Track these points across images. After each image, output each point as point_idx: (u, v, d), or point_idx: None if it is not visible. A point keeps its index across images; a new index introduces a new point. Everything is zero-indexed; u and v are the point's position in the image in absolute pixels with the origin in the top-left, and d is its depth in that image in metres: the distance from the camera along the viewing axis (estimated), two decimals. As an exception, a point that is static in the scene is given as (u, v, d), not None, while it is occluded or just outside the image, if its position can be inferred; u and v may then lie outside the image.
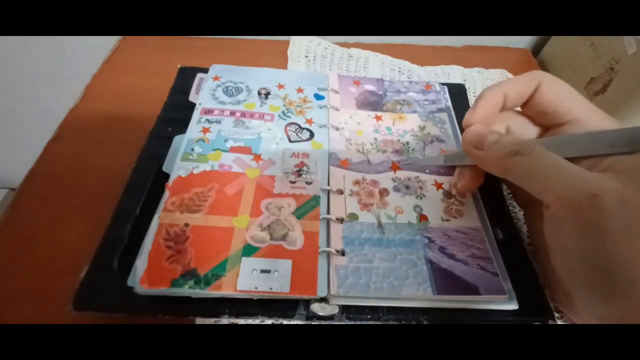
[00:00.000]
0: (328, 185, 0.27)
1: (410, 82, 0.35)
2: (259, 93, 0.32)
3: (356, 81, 0.35)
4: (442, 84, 0.36)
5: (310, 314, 0.22)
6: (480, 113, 0.24)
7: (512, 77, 0.25)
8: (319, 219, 0.25)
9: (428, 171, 0.28)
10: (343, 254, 0.23)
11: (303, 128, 0.30)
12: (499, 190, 0.29)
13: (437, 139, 0.31)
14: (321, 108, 0.32)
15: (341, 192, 0.26)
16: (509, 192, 0.29)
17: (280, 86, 0.33)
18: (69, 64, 0.50)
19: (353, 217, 0.25)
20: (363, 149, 0.29)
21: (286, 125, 0.30)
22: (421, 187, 0.27)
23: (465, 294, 0.22)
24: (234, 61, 0.35)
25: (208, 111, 0.30)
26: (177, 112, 0.31)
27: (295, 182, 0.26)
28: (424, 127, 0.32)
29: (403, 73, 0.41)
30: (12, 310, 0.23)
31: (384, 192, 0.27)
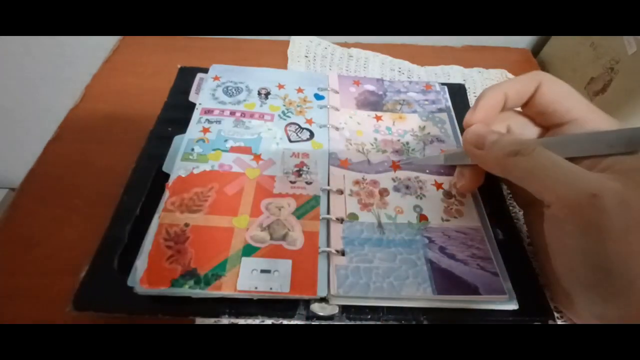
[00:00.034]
0: (328, 185, 0.27)
1: (410, 82, 0.35)
2: (259, 93, 0.32)
3: (356, 81, 0.35)
4: (442, 84, 0.36)
5: (310, 314, 0.22)
6: (480, 113, 0.24)
7: (513, 78, 0.25)
8: (319, 219, 0.25)
9: (428, 171, 0.28)
10: (343, 254, 0.23)
11: (303, 128, 0.30)
12: (499, 190, 0.29)
13: (437, 139, 0.31)
14: (321, 108, 0.32)
15: (341, 192, 0.26)
16: (509, 192, 0.29)
17: (280, 86, 0.33)
18: (69, 64, 0.50)
19: (353, 217, 0.25)
20: (363, 149, 0.29)
21: (286, 125, 0.30)
22: (421, 187, 0.27)
23: (465, 294, 0.22)
24: (234, 61, 0.35)
25: (208, 111, 0.30)
26: (177, 112, 0.31)
27: (295, 182, 0.26)
28: (424, 127, 0.32)
29: (403, 73, 0.41)
30: (12, 310, 0.23)
31: (384, 192, 0.27)
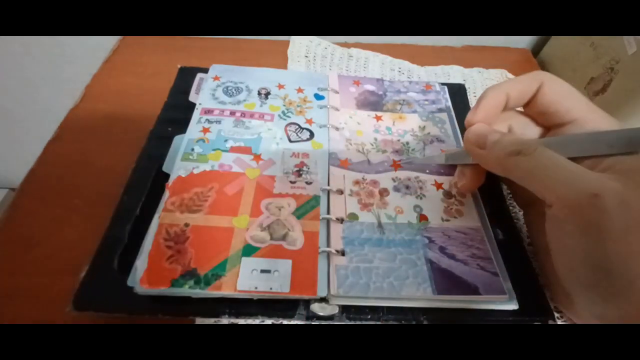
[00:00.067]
0: (328, 185, 0.27)
1: (410, 82, 0.35)
2: (259, 93, 0.32)
3: (356, 81, 0.35)
4: (442, 84, 0.36)
5: (310, 314, 0.22)
6: (482, 113, 0.24)
7: (514, 77, 0.25)
8: (319, 219, 0.25)
9: (428, 171, 0.28)
10: (343, 254, 0.23)
11: (303, 128, 0.30)
12: (499, 190, 0.29)
13: (437, 139, 0.31)
14: (321, 108, 0.32)
15: (341, 192, 0.26)
16: (509, 192, 0.29)
17: (280, 86, 0.33)
18: (69, 64, 0.50)
19: (353, 217, 0.25)
20: (363, 149, 0.29)
21: (286, 125, 0.30)
22: (421, 187, 0.27)
23: (465, 294, 0.22)
24: (234, 61, 0.35)
25: (208, 111, 0.30)
26: (177, 112, 0.31)
27: (295, 182, 0.26)
28: (424, 127, 0.32)
29: (403, 73, 0.41)
30: (12, 310, 0.23)
31: (384, 192, 0.27)
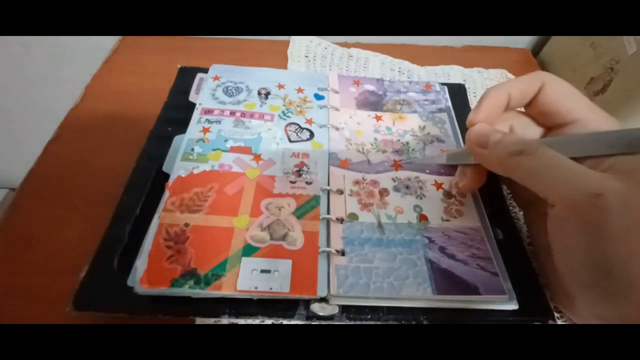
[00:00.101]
0: (328, 185, 0.27)
1: (410, 82, 0.35)
2: (259, 93, 0.32)
3: (356, 81, 0.35)
4: (442, 84, 0.36)
5: (310, 314, 0.22)
6: (483, 112, 0.24)
7: (516, 78, 0.25)
8: (319, 219, 0.25)
9: (428, 171, 0.28)
10: (343, 254, 0.23)
11: (303, 128, 0.30)
12: (499, 190, 0.29)
13: (437, 139, 0.31)
14: (321, 108, 0.32)
15: (341, 192, 0.26)
16: (509, 192, 0.29)
17: (280, 86, 0.33)
18: (69, 64, 0.50)
19: (353, 217, 0.25)
20: (363, 149, 0.29)
21: (286, 125, 0.30)
22: (421, 187, 0.27)
23: (465, 294, 0.22)
24: (234, 61, 0.35)
25: (208, 111, 0.30)
26: (177, 112, 0.31)
27: (295, 182, 0.26)
28: (424, 127, 0.32)
29: (403, 73, 0.41)
30: (12, 310, 0.23)
31: (384, 192, 0.27)
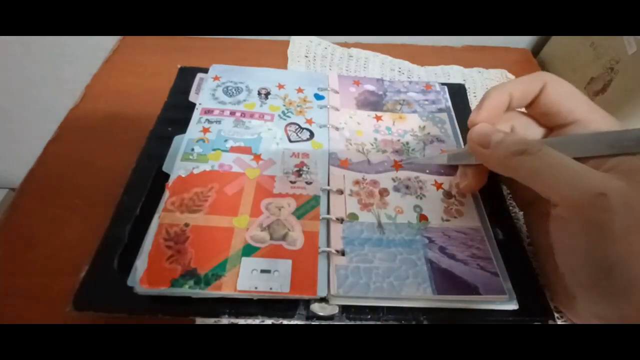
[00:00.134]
0: (328, 185, 0.27)
1: (410, 82, 0.35)
2: (259, 93, 0.32)
3: (356, 81, 0.35)
4: (442, 84, 0.36)
5: (310, 314, 0.22)
6: (485, 112, 0.24)
7: (517, 78, 0.25)
8: (319, 219, 0.25)
9: (428, 171, 0.28)
10: (343, 254, 0.23)
11: (303, 128, 0.30)
12: (499, 190, 0.29)
13: (437, 139, 0.31)
14: (321, 108, 0.32)
15: (341, 192, 0.26)
16: (509, 192, 0.29)
17: (280, 86, 0.33)
18: (69, 64, 0.50)
19: (353, 217, 0.25)
20: (363, 149, 0.29)
21: (286, 125, 0.30)
22: (421, 187, 0.27)
23: (465, 294, 0.22)
24: (234, 61, 0.35)
25: (208, 111, 0.30)
26: (177, 112, 0.31)
27: (295, 182, 0.26)
28: (424, 127, 0.32)
29: (403, 73, 0.41)
30: (12, 310, 0.23)
31: (384, 192, 0.27)
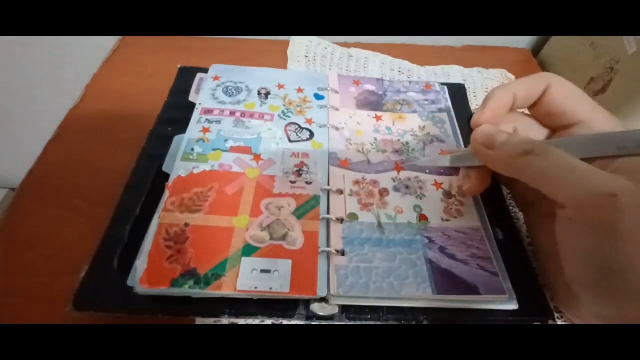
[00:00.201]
0: (328, 185, 0.27)
1: (410, 82, 0.35)
2: (259, 93, 0.32)
3: (356, 81, 0.35)
4: (442, 84, 0.35)
5: (310, 314, 0.22)
6: (489, 112, 0.24)
7: (521, 78, 0.25)
8: (319, 219, 0.25)
9: (428, 171, 0.28)
10: (343, 254, 0.23)
11: (303, 128, 0.30)
12: (499, 190, 0.29)
13: (437, 139, 0.31)
14: (321, 108, 0.32)
15: (341, 192, 0.26)
16: (509, 193, 0.29)
17: (280, 86, 0.33)
18: (69, 64, 0.50)
19: (353, 217, 0.25)
20: (363, 149, 0.29)
21: (286, 125, 0.30)
22: (421, 187, 0.27)
23: (465, 294, 0.22)
24: (234, 61, 0.35)
25: (208, 111, 0.30)
26: (177, 112, 0.31)
27: (295, 182, 0.26)
28: (424, 127, 0.32)
29: (403, 73, 0.41)
30: (12, 310, 0.23)
31: (384, 192, 0.27)
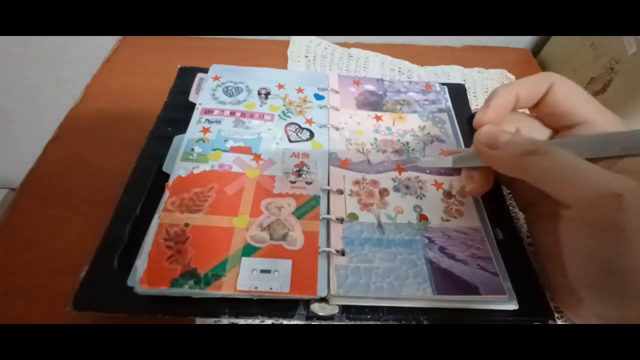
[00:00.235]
0: (328, 185, 0.27)
1: (410, 82, 0.35)
2: (259, 93, 0.32)
3: (356, 81, 0.35)
4: (442, 84, 0.35)
5: (310, 314, 0.22)
6: (492, 112, 0.24)
7: (523, 78, 0.25)
8: (319, 219, 0.25)
9: (428, 171, 0.28)
10: (343, 254, 0.23)
11: (303, 128, 0.30)
12: (499, 190, 0.29)
13: (437, 139, 0.31)
14: (321, 108, 0.32)
15: (341, 192, 0.26)
16: (509, 192, 0.29)
17: (280, 86, 0.33)
18: (69, 64, 0.50)
19: (353, 217, 0.25)
20: (363, 149, 0.29)
21: (286, 125, 0.30)
22: (421, 187, 0.27)
23: (465, 294, 0.22)
24: (234, 61, 0.35)
25: (208, 111, 0.30)
26: (177, 112, 0.31)
27: (295, 182, 0.26)
28: (424, 127, 0.32)
29: (403, 73, 0.41)
30: (12, 310, 0.23)
31: (384, 192, 0.27)
